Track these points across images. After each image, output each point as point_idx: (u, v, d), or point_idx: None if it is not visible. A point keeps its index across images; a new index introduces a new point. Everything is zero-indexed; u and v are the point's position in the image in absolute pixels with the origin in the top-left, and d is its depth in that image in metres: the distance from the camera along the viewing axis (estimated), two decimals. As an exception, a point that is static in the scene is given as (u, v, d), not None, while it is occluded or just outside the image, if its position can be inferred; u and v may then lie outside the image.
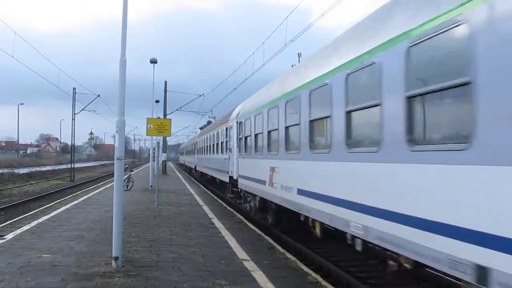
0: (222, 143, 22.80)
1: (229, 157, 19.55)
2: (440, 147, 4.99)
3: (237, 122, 17.43)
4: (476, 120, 4.37)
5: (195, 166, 43.98)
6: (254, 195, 14.53)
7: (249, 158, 15.00)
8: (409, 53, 5.52)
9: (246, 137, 15.49)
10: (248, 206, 16.12)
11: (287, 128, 10.60)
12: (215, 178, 27.08)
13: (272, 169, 11.78)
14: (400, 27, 5.84)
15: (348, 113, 7.20)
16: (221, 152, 22.86)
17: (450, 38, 4.84)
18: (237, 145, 17.31)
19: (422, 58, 5.35)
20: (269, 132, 12.30)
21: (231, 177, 19.08)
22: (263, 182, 12.71)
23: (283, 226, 12.96)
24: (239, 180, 16.83)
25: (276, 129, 11.43)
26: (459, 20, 4.64)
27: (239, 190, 17.15)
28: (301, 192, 9.59)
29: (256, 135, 13.91)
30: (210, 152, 29.10)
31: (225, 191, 22.34)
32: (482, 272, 4.20)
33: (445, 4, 4.91)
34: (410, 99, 5.52)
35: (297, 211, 9.98)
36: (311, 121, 9.01)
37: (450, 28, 4.80)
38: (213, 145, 26.94)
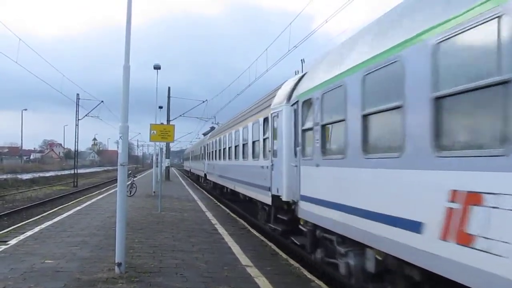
0: (255, 142, 15.58)
1: (271, 165, 12.58)
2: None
3: (293, 104, 10.53)
4: None
5: (205, 175, 35.31)
6: (362, 250, 7.09)
7: (342, 167, 7.53)
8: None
9: (324, 126, 8.40)
10: (343, 267, 7.79)
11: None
12: (234, 192, 20.37)
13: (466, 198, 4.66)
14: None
15: None
16: (254, 157, 15.63)
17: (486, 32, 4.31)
18: (296, 143, 10.11)
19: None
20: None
21: (276, 197, 12.09)
22: (412, 227, 5.42)
23: None
24: (303, 205, 9.57)
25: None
26: (496, 13, 4.19)
27: (302, 222, 9.98)
28: None
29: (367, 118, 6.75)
30: (231, 157, 20.94)
31: (258, 215, 15.57)
32: None
33: None
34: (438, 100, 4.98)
35: None
36: None
37: (486, 21, 4.28)
38: (237, 146, 19.18)
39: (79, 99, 43.75)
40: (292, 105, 10.71)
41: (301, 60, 23.84)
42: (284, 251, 11.30)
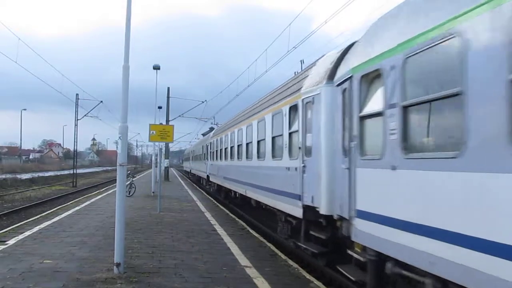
0: (275, 138, 12.73)
1: (302, 166, 10.02)
2: None
3: (341, 83, 8.01)
4: None
5: (208, 176, 31.88)
6: None
7: (452, 171, 4.77)
8: None
9: (408, 108, 5.70)
10: None
11: None
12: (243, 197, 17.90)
13: None
14: None
15: None
16: (273, 156, 12.82)
17: None
18: (350, 136, 7.41)
19: None
20: None
21: (309, 209, 9.59)
22: None
23: None
24: (361, 225, 6.86)
25: None
26: None
27: (357, 248, 7.38)
28: None
29: None
30: (241, 157, 17.94)
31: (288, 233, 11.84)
32: None
33: None
34: None
35: None
36: None
37: None
38: (250, 144, 16.26)
39: (78, 99, 43.75)
40: (338, 85, 8.18)
41: (301, 61, 23.92)
42: (283, 252, 11.29)
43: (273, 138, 13.01)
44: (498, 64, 4.08)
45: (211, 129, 46.27)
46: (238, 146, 18.70)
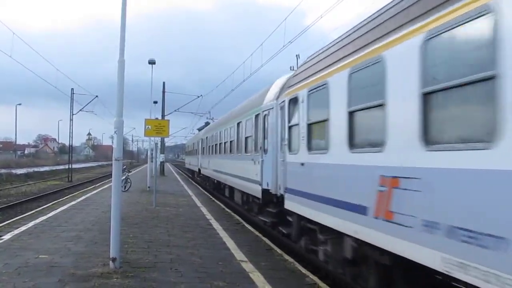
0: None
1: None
2: None
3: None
4: None
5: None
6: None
7: None
8: None
9: None
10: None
11: None
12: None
13: None
14: None
15: None
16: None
17: None
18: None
19: None
20: None
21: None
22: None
23: None
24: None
25: None
26: None
27: None
28: None
29: None
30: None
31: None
32: None
33: None
34: None
35: None
36: None
37: None
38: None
39: (73, 93, 43.59)
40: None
41: (296, 55, 23.91)
42: (279, 246, 11.33)
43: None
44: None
45: (207, 123, 46.23)
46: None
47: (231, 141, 19.14)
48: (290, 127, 10.19)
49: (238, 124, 17.33)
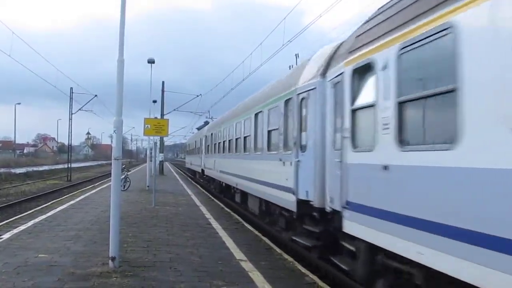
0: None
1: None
2: None
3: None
4: None
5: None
6: None
7: None
8: None
9: None
10: None
11: None
12: None
13: None
14: None
15: None
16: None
17: None
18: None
19: None
20: None
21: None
22: None
23: None
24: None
25: None
26: None
27: None
28: None
29: None
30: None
31: None
32: None
33: None
34: None
35: None
36: None
37: None
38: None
39: (72, 93, 43.55)
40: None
41: (296, 54, 23.93)
42: (278, 246, 11.32)
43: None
44: None
45: (206, 123, 46.20)
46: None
47: (245, 137, 15.99)
48: (354, 111, 7.16)
49: (256, 115, 14.18)
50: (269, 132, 12.64)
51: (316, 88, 9.17)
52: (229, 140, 19.73)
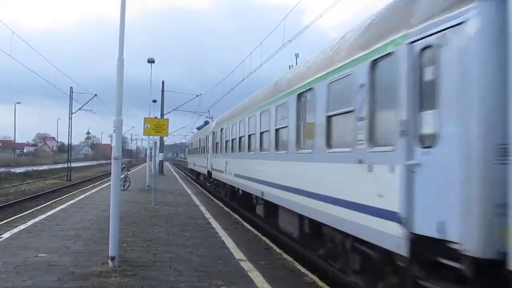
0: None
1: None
2: None
3: None
4: None
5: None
6: None
7: None
8: None
9: None
10: None
11: None
12: None
13: None
14: None
15: None
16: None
17: None
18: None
19: None
20: None
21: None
22: None
23: None
24: None
25: None
26: None
27: None
28: None
29: None
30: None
31: None
32: None
33: None
34: None
35: None
36: None
37: None
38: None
39: (72, 92, 43.52)
40: None
41: (295, 54, 23.89)
42: (277, 245, 11.32)
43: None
44: None
45: (206, 122, 46.15)
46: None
47: (278, 130, 11.62)
48: None
49: (300, 96, 9.81)
50: (329, 118, 8.03)
51: (470, 21, 4.72)
52: (250, 136, 15.08)
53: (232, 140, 18.56)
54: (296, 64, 17.05)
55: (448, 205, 4.85)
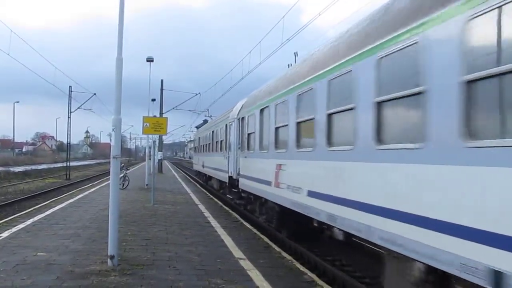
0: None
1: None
2: None
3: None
4: None
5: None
6: None
7: None
8: None
9: None
10: None
11: None
12: None
13: None
14: None
15: None
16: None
17: None
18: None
19: None
20: None
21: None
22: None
23: None
24: None
25: None
26: None
27: None
28: None
29: None
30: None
31: None
32: None
33: None
34: None
35: None
36: None
37: None
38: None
39: (71, 91, 43.50)
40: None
41: (294, 53, 23.90)
42: (276, 244, 11.33)
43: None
44: None
45: (205, 121, 46.14)
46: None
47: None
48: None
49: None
50: None
51: None
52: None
53: (299, 124, 9.79)
54: (295, 62, 17.11)
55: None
